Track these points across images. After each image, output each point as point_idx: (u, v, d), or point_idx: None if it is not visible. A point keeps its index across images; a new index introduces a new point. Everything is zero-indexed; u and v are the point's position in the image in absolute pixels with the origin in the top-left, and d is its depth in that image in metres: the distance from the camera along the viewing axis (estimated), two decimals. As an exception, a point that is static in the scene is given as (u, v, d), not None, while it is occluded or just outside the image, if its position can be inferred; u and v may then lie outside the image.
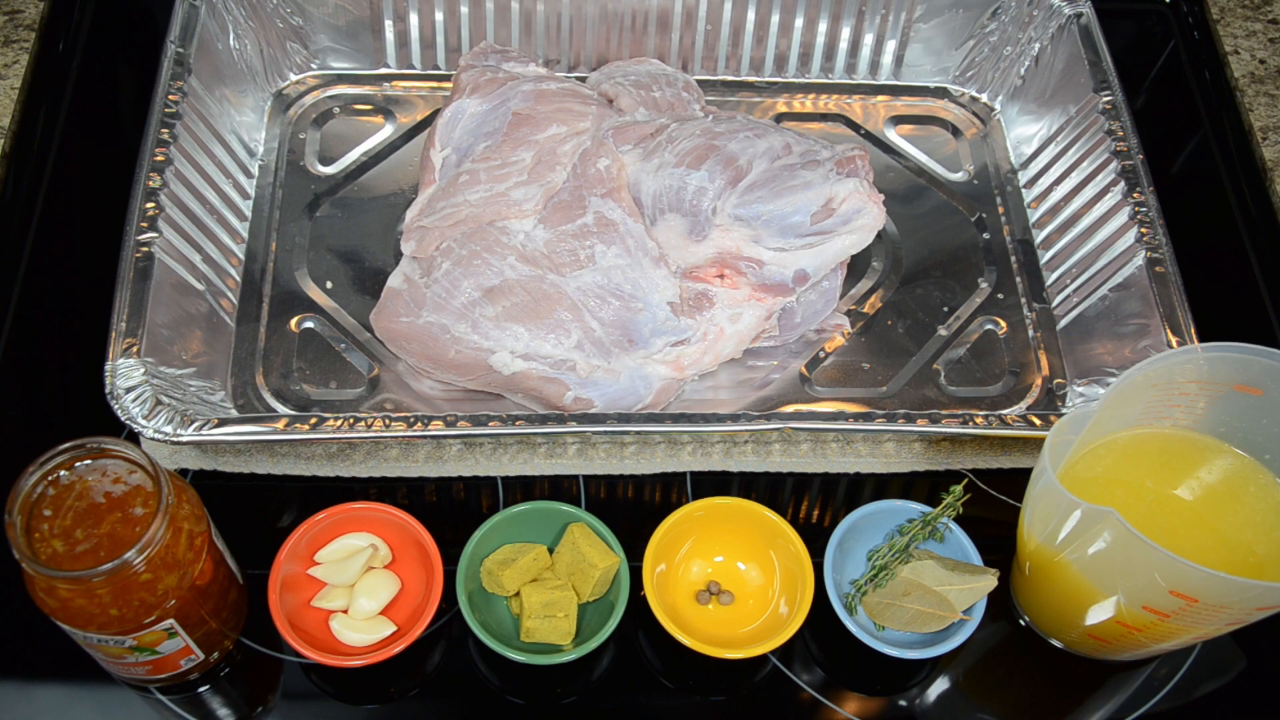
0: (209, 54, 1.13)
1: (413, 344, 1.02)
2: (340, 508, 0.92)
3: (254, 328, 1.06)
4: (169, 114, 1.06)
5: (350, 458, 1.01)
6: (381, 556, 0.94)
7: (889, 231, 1.17)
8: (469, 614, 0.89)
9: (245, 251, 1.10)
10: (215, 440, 0.91)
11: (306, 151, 1.18)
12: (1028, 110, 1.24)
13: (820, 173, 1.04)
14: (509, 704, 0.91)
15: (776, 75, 1.27)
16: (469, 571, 0.91)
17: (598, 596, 0.93)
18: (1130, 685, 0.95)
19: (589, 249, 1.03)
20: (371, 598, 0.91)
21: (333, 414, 0.93)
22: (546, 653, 0.89)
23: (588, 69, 1.25)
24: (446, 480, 1.01)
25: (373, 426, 0.92)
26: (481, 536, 0.92)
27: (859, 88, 1.28)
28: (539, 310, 1.01)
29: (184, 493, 0.81)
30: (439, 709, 0.91)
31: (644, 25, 1.22)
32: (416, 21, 1.21)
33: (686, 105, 1.13)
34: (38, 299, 1.09)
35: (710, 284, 1.05)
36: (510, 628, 0.92)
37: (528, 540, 0.95)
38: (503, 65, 1.13)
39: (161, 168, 1.03)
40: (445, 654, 0.93)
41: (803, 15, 1.23)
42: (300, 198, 1.15)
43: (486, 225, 1.04)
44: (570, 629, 0.91)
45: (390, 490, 1.01)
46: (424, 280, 1.03)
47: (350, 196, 1.16)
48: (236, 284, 1.08)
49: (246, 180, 1.14)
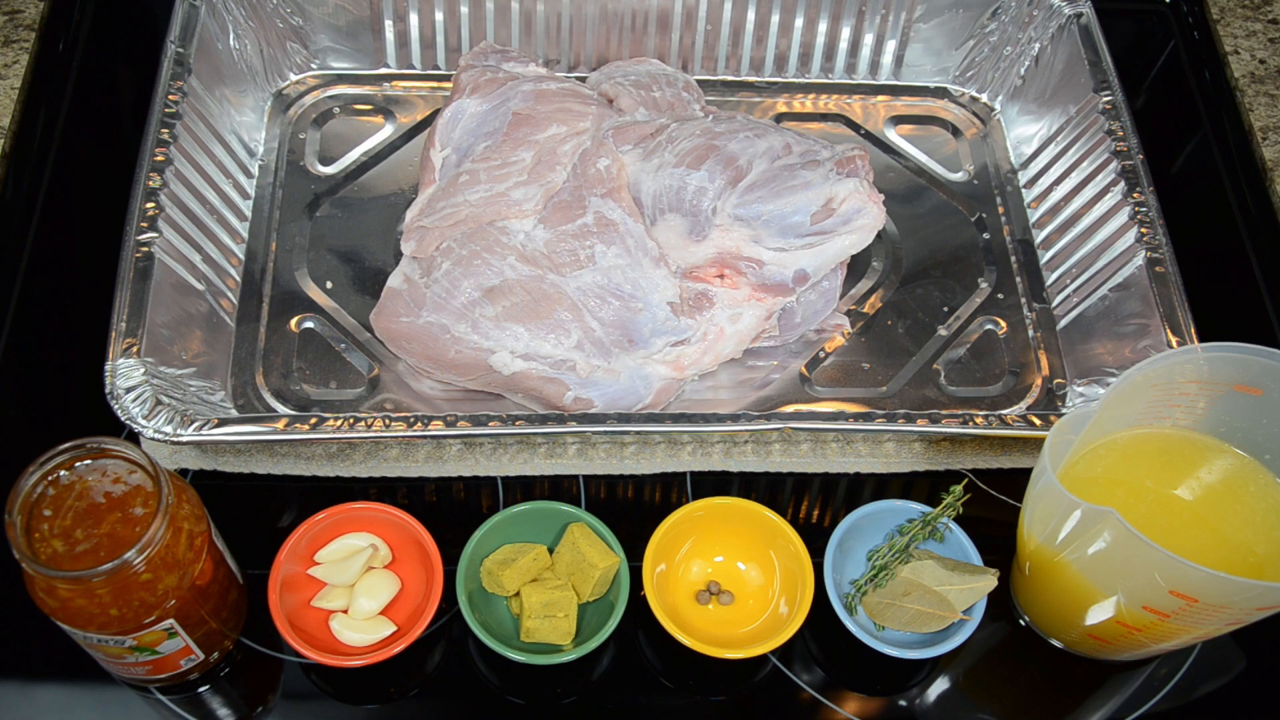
0: (209, 54, 1.13)
1: (413, 344, 1.02)
2: (340, 508, 0.92)
3: (254, 328, 1.06)
4: (169, 114, 1.06)
5: (350, 458, 1.01)
6: (381, 556, 0.94)
7: (889, 231, 1.17)
8: (469, 614, 0.89)
9: (245, 251, 1.10)
10: (215, 440, 0.91)
11: (306, 151, 1.18)
12: (1028, 110, 1.24)
13: (820, 173, 1.04)
14: (509, 704, 0.91)
15: (776, 75, 1.27)
16: (469, 571, 0.91)
17: (598, 596, 0.93)
18: (1130, 685, 0.95)
19: (589, 249, 1.03)
20: (371, 598, 0.91)
21: (333, 414, 0.93)
22: (546, 653, 0.89)
23: (588, 69, 1.25)
24: (446, 480, 1.01)
25: (373, 426, 0.92)
26: (481, 536, 0.92)
27: (859, 88, 1.28)
28: (539, 310, 1.01)
29: (184, 493, 0.81)
30: (439, 709, 0.91)
31: (644, 25, 1.22)
32: (416, 21, 1.21)
33: (686, 105, 1.13)
34: (38, 299, 1.09)
35: (710, 284, 1.05)
36: (510, 628, 0.92)
37: (528, 540, 0.95)
38: (503, 65, 1.13)
39: (161, 168, 1.03)
40: (445, 654, 0.93)
41: (803, 15, 1.23)
42: (300, 198, 1.15)
43: (486, 225, 1.04)
44: (570, 629, 0.91)
45: (390, 490, 1.01)
46: (424, 280, 1.03)
47: (350, 196, 1.16)
48: (236, 284, 1.08)
49: (246, 180, 1.14)
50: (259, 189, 1.15)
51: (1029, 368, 1.09)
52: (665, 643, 0.92)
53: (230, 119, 1.15)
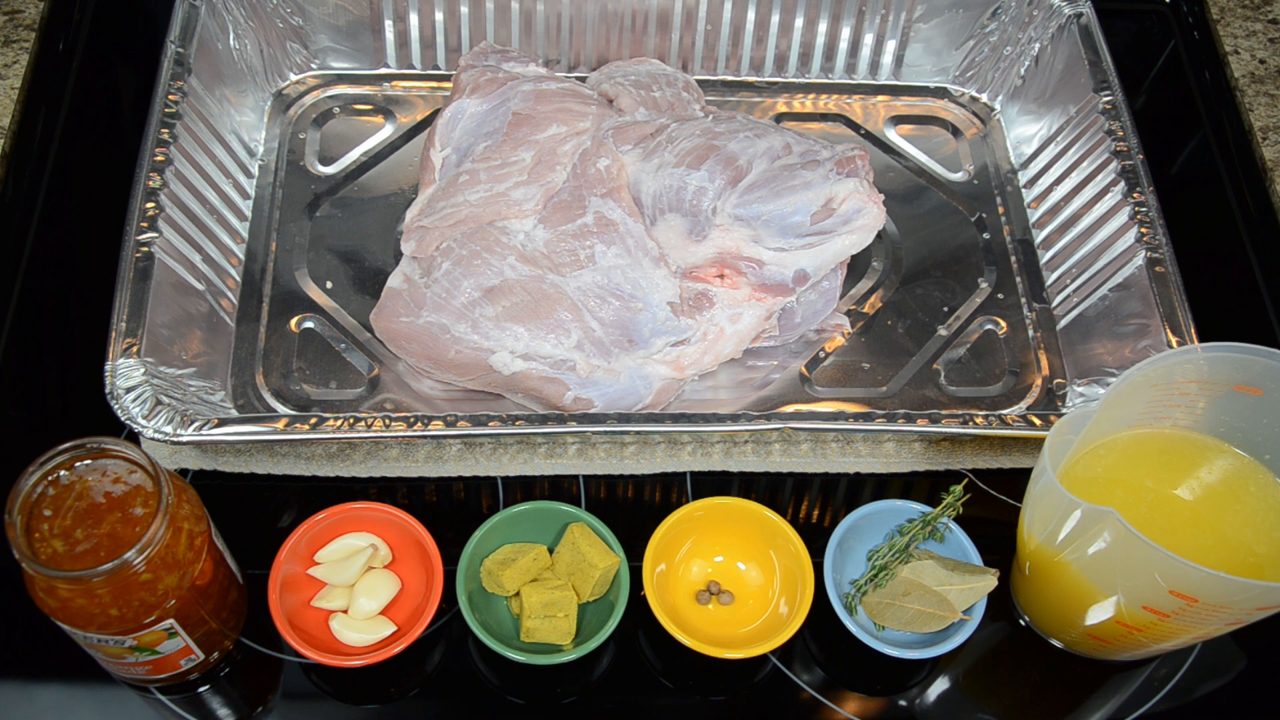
0: (209, 54, 1.13)
1: (413, 344, 1.02)
2: (340, 508, 0.92)
3: (254, 328, 1.06)
4: (169, 114, 1.06)
5: (350, 458, 1.01)
6: (381, 556, 0.94)
7: (889, 231, 1.17)
8: (469, 614, 0.89)
9: (245, 251, 1.10)
10: (215, 440, 0.91)
11: (306, 151, 1.18)
12: (1028, 110, 1.24)
13: (820, 172, 1.04)
14: (509, 704, 0.91)
15: (776, 75, 1.27)
16: (469, 572, 0.91)
17: (598, 596, 0.93)
18: (1130, 685, 0.95)
19: (589, 249, 1.03)
20: (371, 597, 0.91)
21: (333, 414, 0.93)
22: (546, 653, 0.89)
23: (588, 69, 1.25)
24: (446, 480, 1.01)
25: (373, 426, 0.92)
26: (481, 536, 0.92)
27: (859, 88, 1.28)
28: (539, 310, 1.01)
29: (184, 493, 0.81)
30: (439, 709, 0.91)
31: (644, 25, 1.22)
32: (416, 21, 1.21)
33: (686, 105, 1.13)
34: (38, 299, 1.09)
35: (710, 284, 1.05)
36: (510, 628, 0.92)
37: (528, 540, 0.95)
38: (503, 65, 1.13)
39: (161, 168, 1.03)
40: (445, 654, 0.93)
41: (803, 15, 1.23)
42: (300, 198, 1.15)
43: (486, 225, 1.04)
44: (570, 629, 0.91)
45: (390, 490, 1.01)
46: (424, 280, 1.03)
47: (350, 196, 1.16)
48: (236, 284, 1.08)
49: (246, 180, 1.14)
50: (259, 189, 1.15)
51: (1029, 368, 1.09)
52: (665, 643, 0.92)
53: (230, 119, 1.15)
